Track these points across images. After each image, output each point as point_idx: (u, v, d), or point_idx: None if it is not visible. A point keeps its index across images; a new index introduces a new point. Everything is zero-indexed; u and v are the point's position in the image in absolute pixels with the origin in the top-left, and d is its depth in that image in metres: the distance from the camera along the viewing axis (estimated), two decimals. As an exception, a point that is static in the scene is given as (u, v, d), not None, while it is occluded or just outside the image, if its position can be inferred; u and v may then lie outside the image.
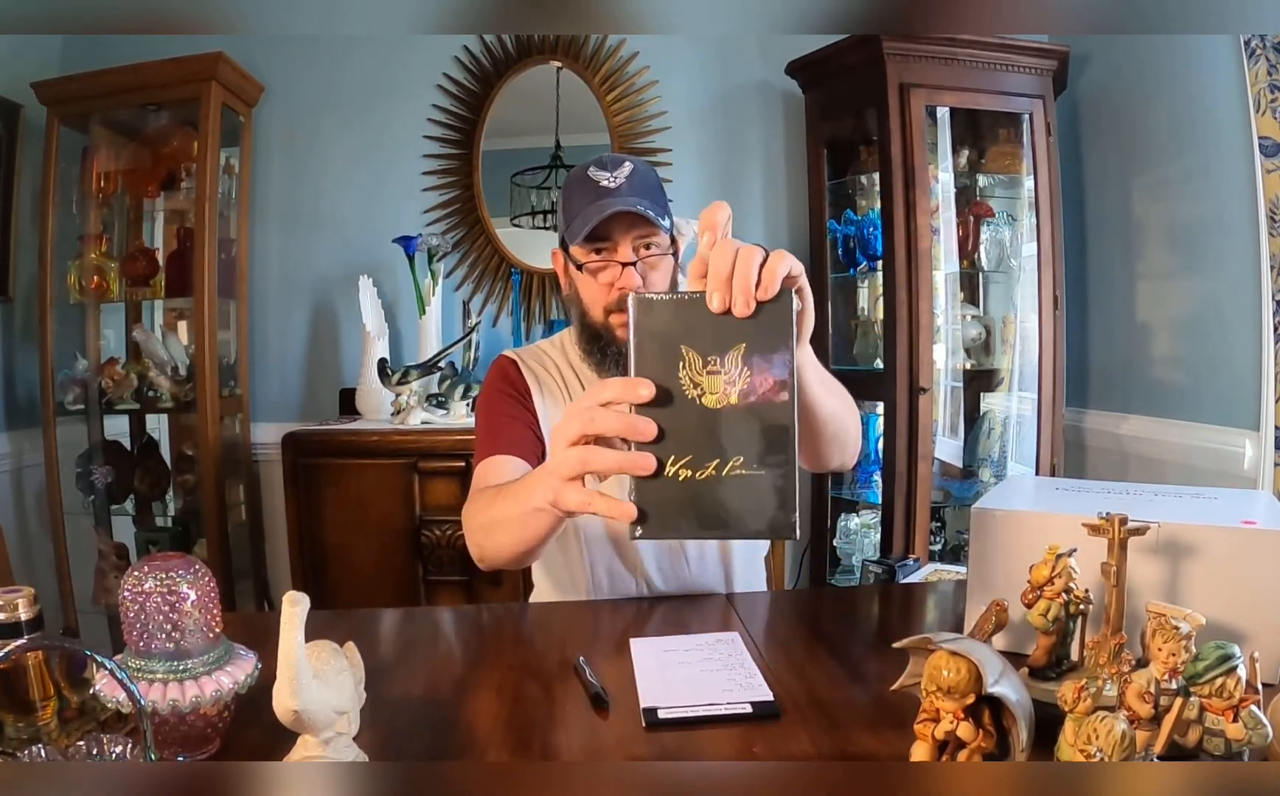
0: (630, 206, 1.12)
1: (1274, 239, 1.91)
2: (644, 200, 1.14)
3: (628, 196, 1.14)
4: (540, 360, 1.31)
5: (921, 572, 1.73)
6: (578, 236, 1.15)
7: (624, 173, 1.17)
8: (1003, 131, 2.54)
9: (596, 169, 1.18)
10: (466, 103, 2.69)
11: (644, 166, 1.21)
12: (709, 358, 0.66)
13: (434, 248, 2.56)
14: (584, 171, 1.19)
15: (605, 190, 1.15)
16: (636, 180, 1.17)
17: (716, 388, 0.66)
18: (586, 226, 1.13)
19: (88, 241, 2.52)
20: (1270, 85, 1.89)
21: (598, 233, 1.14)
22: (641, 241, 1.17)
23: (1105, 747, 0.54)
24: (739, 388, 0.66)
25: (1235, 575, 0.76)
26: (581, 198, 1.16)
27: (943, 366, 2.53)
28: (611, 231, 1.15)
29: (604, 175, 1.17)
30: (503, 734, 0.74)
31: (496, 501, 0.98)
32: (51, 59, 2.62)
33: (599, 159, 1.20)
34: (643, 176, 1.19)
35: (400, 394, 2.40)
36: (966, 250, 2.58)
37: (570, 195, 1.20)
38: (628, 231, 1.15)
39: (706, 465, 0.66)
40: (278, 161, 2.72)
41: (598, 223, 1.12)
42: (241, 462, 2.68)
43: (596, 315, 1.20)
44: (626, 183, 1.16)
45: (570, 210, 1.19)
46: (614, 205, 1.12)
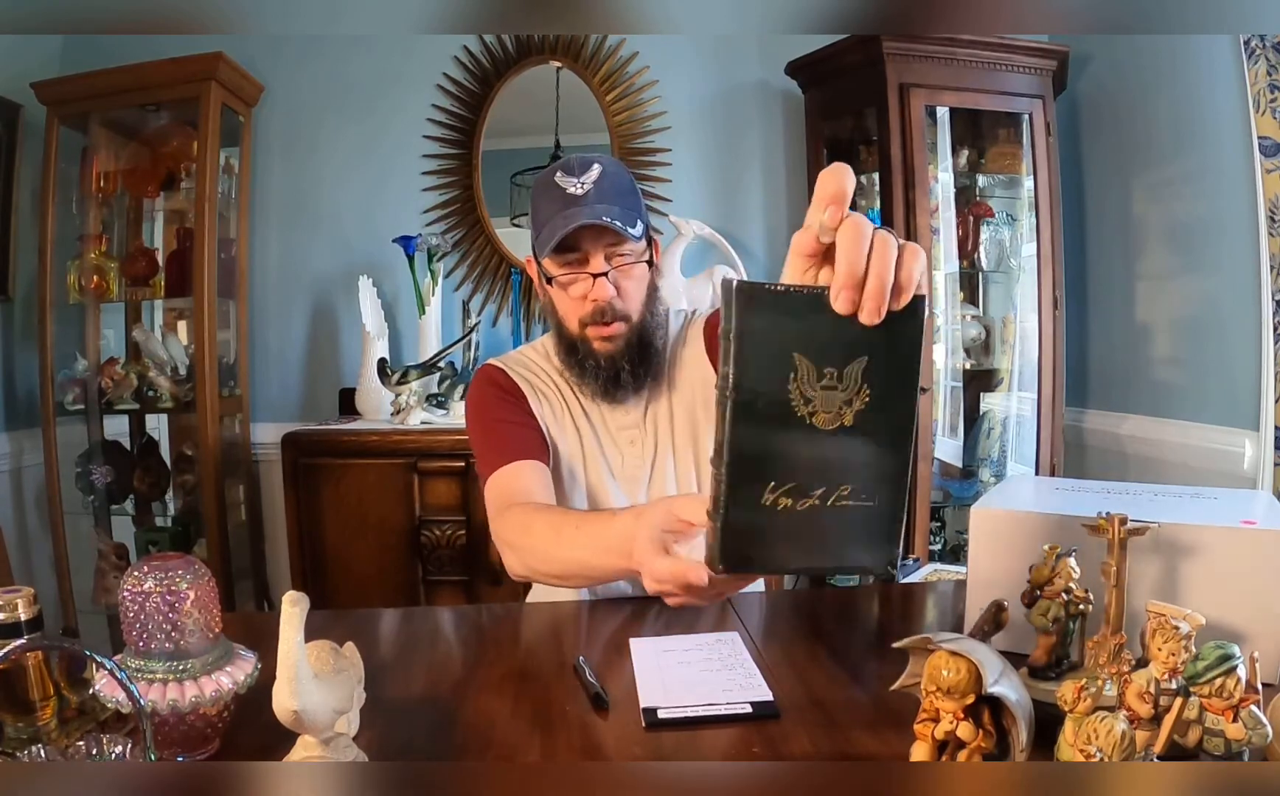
0: (597, 218, 1.08)
1: (1274, 239, 1.91)
2: (613, 207, 1.10)
3: (595, 204, 1.10)
4: (526, 365, 1.28)
5: (921, 572, 1.73)
6: (546, 249, 1.11)
7: (591, 177, 1.11)
8: (1002, 131, 2.54)
9: (563, 175, 1.13)
10: (466, 103, 2.69)
11: (614, 167, 1.16)
12: (826, 369, 0.55)
13: (434, 248, 2.56)
14: (550, 177, 1.14)
15: (572, 199, 1.10)
16: (605, 184, 1.12)
17: (832, 406, 0.56)
18: (554, 239, 1.09)
19: (87, 241, 2.52)
20: (1270, 85, 1.89)
21: (567, 243, 1.10)
22: (613, 249, 1.13)
23: (1105, 747, 0.54)
24: (856, 408, 0.56)
25: (1235, 575, 0.76)
26: (549, 206, 1.12)
27: (942, 366, 2.53)
28: (581, 242, 1.11)
29: (570, 182, 1.11)
30: (502, 734, 0.74)
31: (560, 542, 0.97)
32: (51, 59, 2.62)
33: (565, 162, 1.14)
34: (612, 179, 1.13)
35: (400, 394, 2.40)
36: (966, 250, 2.58)
37: (538, 203, 1.15)
38: (598, 240, 1.12)
39: (811, 494, 0.57)
40: (277, 161, 2.72)
41: (564, 234, 1.08)
42: (241, 463, 2.68)
43: (572, 327, 1.18)
44: (594, 188, 1.11)
45: (538, 219, 1.14)
46: (580, 217, 1.08)
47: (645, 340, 1.20)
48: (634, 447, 1.24)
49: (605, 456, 1.24)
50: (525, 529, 1.03)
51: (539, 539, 1.01)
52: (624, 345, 1.18)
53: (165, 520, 2.67)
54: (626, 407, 1.24)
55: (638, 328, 1.19)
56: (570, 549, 0.95)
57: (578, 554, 0.93)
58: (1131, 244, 2.43)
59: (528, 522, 1.03)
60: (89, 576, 2.56)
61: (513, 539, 1.06)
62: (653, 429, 1.24)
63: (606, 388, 1.20)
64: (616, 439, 1.24)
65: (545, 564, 1.03)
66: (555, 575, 1.04)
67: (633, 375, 1.20)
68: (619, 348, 1.18)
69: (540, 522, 1.02)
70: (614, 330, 1.17)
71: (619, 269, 1.15)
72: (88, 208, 2.53)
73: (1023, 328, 2.57)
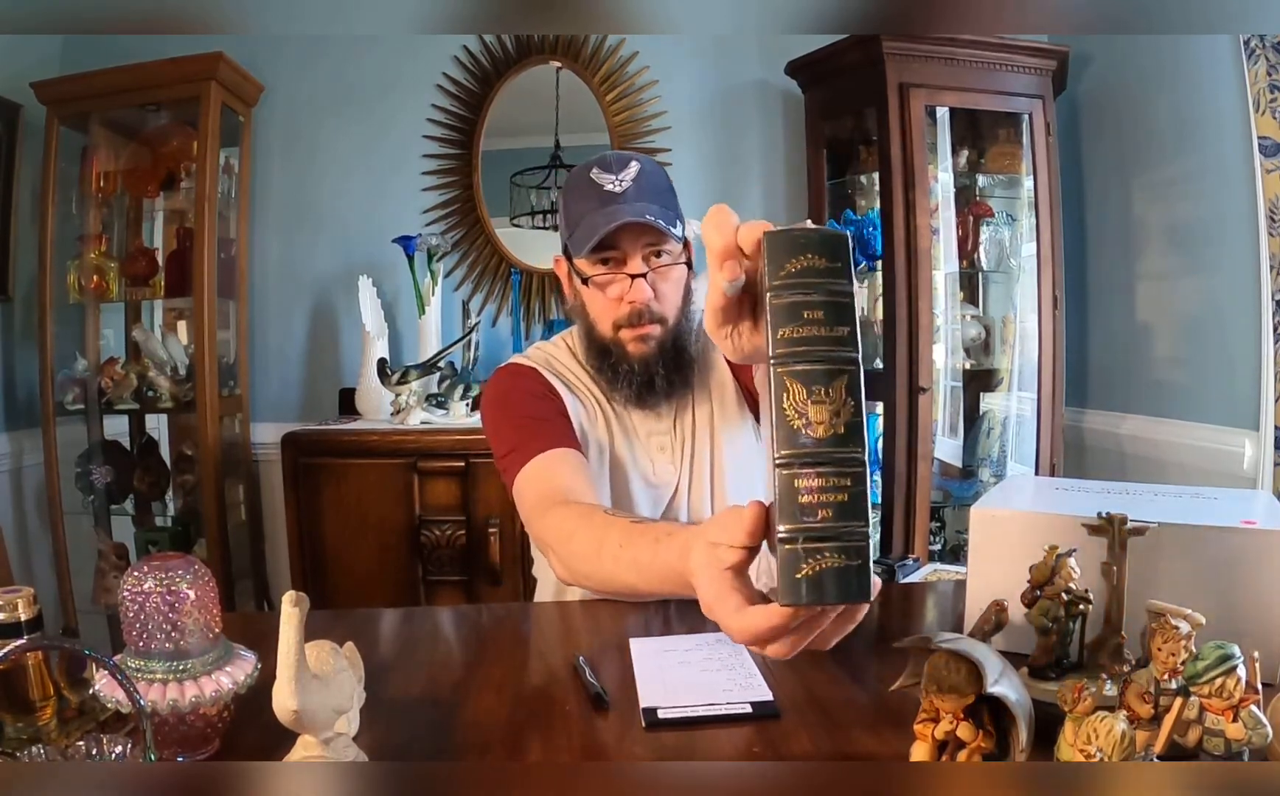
0: (639, 216, 1.04)
1: (1274, 239, 1.91)
2: (653, 206, 1.06)
3: (635, 202, 1.06)
4: (555, 365, 1.22)
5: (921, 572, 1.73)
6: (583, 248, 1.07)
7: (630, 174, 1.08)
8: (1002, 131, 2.54)
9: (600, 171, 1.09)
10: (466, 102, 2.69)
11: (651, 166, 1.12)
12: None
13: (434, 247, 2.56)
14: (586, 173, 1.10)
15: (610, 196, 1.07)
16: (644, 182, 1.08)
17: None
18: (592, 238, 1.05)
19: (87, 241, 2.51)
20: (1270, 85, 1.89)
21: (605, 242, 1.06)
22: (652, 249, 1.09)
23: (1105, 747, 0.54)
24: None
25: (1235, 575, 0.76)
26: (585, 203, 1.08)
27: (942, 366, 2.53)
28: (619, 240, 1.07)
29: (608, 178, 1.08)
30: (503, 734, 0.74)
31: (602, 559, 0.88)
32: (51, 59, 2.62)
33: (602, 159, 1.10)
34: (651, 177, 1.10)
35: (400, 394, 2.40)
36: (966, 250, 2.58)
37: (572, 200, 1.11)
38: (637, 239, 1.08)
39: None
40: (277, 161, 2.72)
41: (607, 232, 1.04)
42: (241, 462, 2.68)
43: (605, 330, 1.14)
44: (634, 186, 1.07)
45: (573, 217, 1.10)
46: (621, 215, 1.04)
47: (679, 344, 1.16)
48: (664, 454, 1.20)
49: (637, 463, 1.19)
50: (567, 536, 0.96)
51: (580, 549, 0.93)
52: (657, 348, 1.13)
53: (165, 520, 2.67)
54: (658, 413, 1.20)
55: (672, 331, 1.14)
56: (613, 568, 0.87)
57: (623, 576, 0.86)
58: (1131, 244, 2.43)
59: (570, 529, 0.95)
60: (89, 576, 2.55)
61: (555, 544, 0.99)
62: (683, 435, 1.20)
63: (640, 393, 1.15)
64: (647, 446, 1.20)
65: (588, 580, 0.96)
66: (599, 590, 0.99)
67: (666, 380, 1.15)
68: (652, 351, 1.13)
69: (583, 532, 0.93)
70: (648, 331, 1.12)
71: (657, 270, 1.10)
72: (88, 208, 2.53)
73: (1022, 327, 2.57)
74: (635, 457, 1.19)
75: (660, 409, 1.19)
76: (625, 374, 1.14)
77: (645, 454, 1.20)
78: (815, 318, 0.50)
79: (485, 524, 2.22)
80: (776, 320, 0.51)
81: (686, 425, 1.21)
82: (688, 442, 1.20)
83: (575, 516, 0.96)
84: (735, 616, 0.56)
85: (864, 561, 0.49)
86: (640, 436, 1.20)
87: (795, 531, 0.49)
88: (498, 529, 2.20)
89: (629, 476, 1.18)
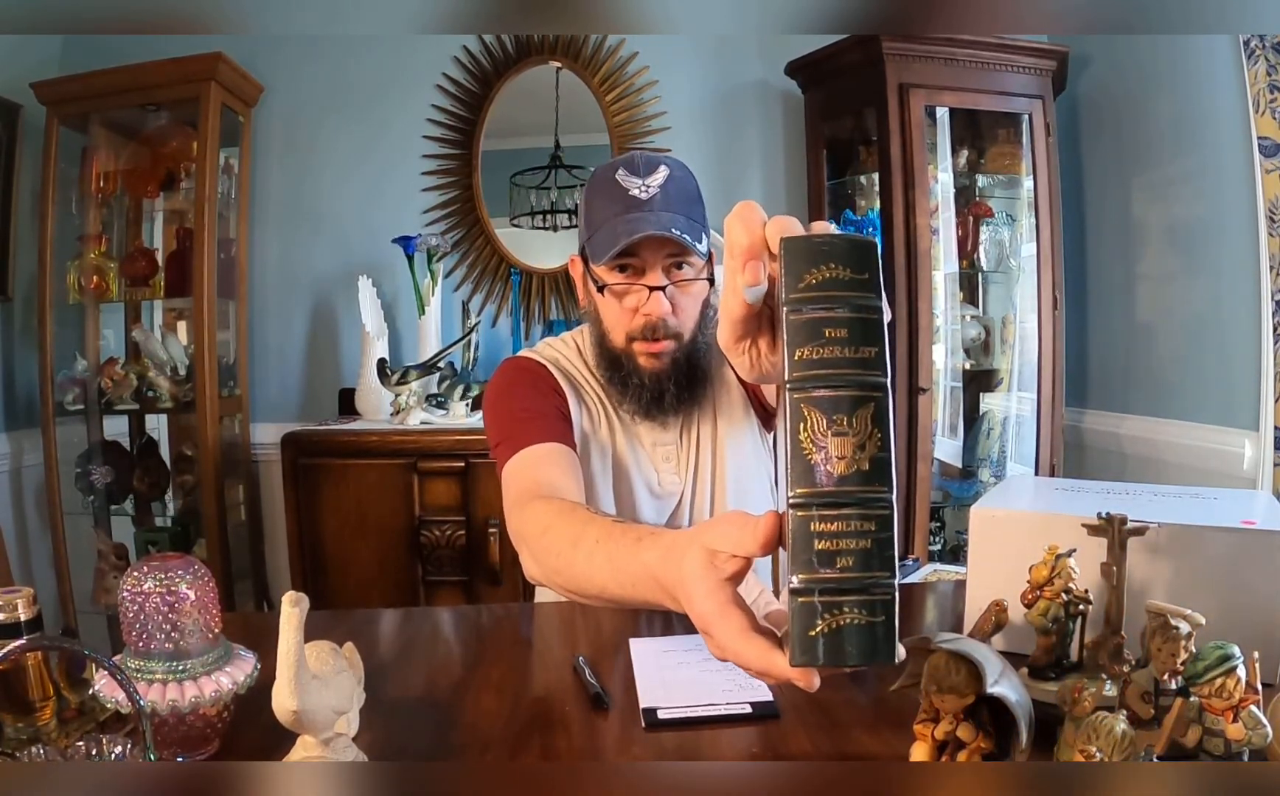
0: (663, 229, 1.00)
1: (1273, 239, 1.91)
2: (679, 217, 1.02)
3: (661, 212, 1.02)
4: (563, 364, 1.19)
5: (921, 573, 1.73)
6: (602, 256, 1.03)
7: (657, 180, 1.04)
8: (1002, 131, 2.54)
9: (626, 173, 1.04)
10: (466, 103, 2.69)
11: (681, 172, 1.08)
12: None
13: (433, 248, 2.56)
14: (612, 174, 1.05)
15: (635, 202, 1.03)
16: (672, 190, 1.04)
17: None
18: (614, 247, 1.01)
19: (87, 241, 2.51)
20: (1270, 85, 1.89)
21: (625, 250, 1.03)
22: (673, 261, 1.05)
23: (1105, 747, 0.54)
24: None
25: (1235, 575, 0.76)
26: (608, 207, 1.04)
27: (942, 366, 2.53)
28: (640, 250, 1.04)
29: (634, 182, 1.03)
30: (502, 734, 0.74)
31: (577, 554, 0.80)
32: (51, 59, 2.62)
33: (630, 160, 1.06)
34: (679, 185, 1.06)
35: (400, 394, 2.39)
36: (966, 250, 2.58)
37: (595, 201, 1.07)
38: (659, 251, 1.04)
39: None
40: (277, 161, 2.72)
41: (629, 244, 1.01)
42: (241, 463, 2.68)
43: (617, 340, 1.10)
44: (660, 193, 1.03)
45: (594, 219, 1.06)
46: (645, 225, 1.00)
47: (694, 361, 1.12)
48: (669, 465, 1.17)
49: (642, 472, 1.17)
50: (543, 529, 0.88)
51: (554, 543, 0.85)
52: (670, 364, 1.10)
53: (165, 520, 2.66)
54: (665, 423, 1.17)
55: (687, 348, 1.11)
56: (586, 566, 0.78)
57: (596, 576, 0.76)
58: (1131, 244, 2.43)
59: (547, 522, 0.88)
60: (89, 576, 2.55)
61: (530, 538, 0.91)
62: (690, 446, 1.18)
63: (649, 408, 1.13)
64: (653, 455, 1.18)
65: (557, 577, 0.87)
66: (569, 590, 0.86)
67: (677, 397, 1.12)
68: (665, 366, 1.10)
69: (560, 526, 0.85)
70: (663, 347, 1.08)
71: (677, 284, 1.06)
72: (87, 208, 2.53)
73: (1022, 328, 2.57)
74: (640, 466, 1.17)
75: (667, 420, 1.17)
76: (635, 387, 1.11)
77: (650, 463, 1.18)
78: (838, 336, 0.45)
79: (485, 524, 2.22)
80: (794, 339, 0.45)
81: (693, 435, 1.19)
82: (694, 453, 1.18)
83: (555, 511, 0.89)
84: (742, 642, 0.51)
85: (889, 617, 0.44)
86: (646, 446, 1.18)
87: (811, 582, 0.44)
88: (497, 529, 2.20)
89: (633, 485, 1.16)
